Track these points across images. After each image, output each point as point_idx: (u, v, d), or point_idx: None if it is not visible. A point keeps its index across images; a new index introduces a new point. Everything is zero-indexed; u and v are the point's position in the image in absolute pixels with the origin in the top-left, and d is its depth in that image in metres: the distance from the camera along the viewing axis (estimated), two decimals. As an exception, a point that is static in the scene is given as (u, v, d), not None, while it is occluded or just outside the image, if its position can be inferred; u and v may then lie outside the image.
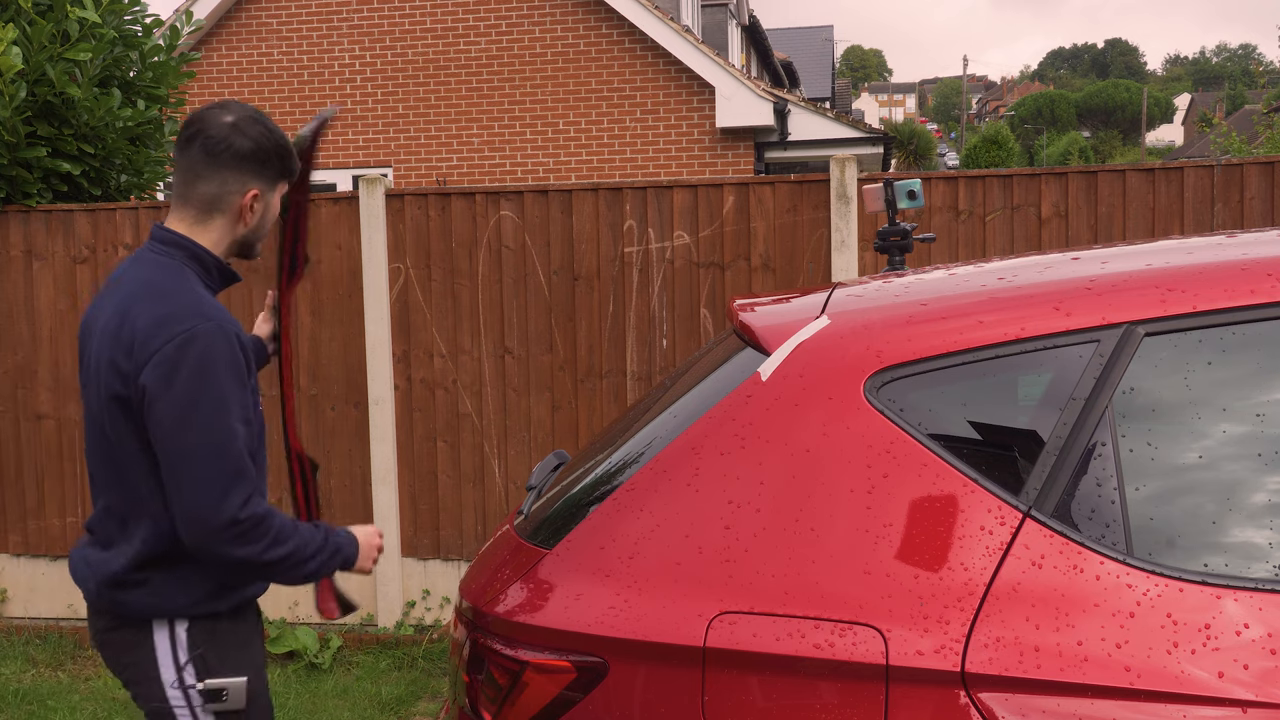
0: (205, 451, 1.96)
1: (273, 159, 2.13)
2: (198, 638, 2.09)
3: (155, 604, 2.08)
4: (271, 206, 2.20)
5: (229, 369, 2.00)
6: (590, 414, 5.06)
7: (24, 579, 5.57)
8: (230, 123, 2.09)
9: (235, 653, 2.12)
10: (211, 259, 2.14)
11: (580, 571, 1.71)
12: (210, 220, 2.12)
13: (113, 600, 2.11)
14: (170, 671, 2.07)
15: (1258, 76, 55.11)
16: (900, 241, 3.61)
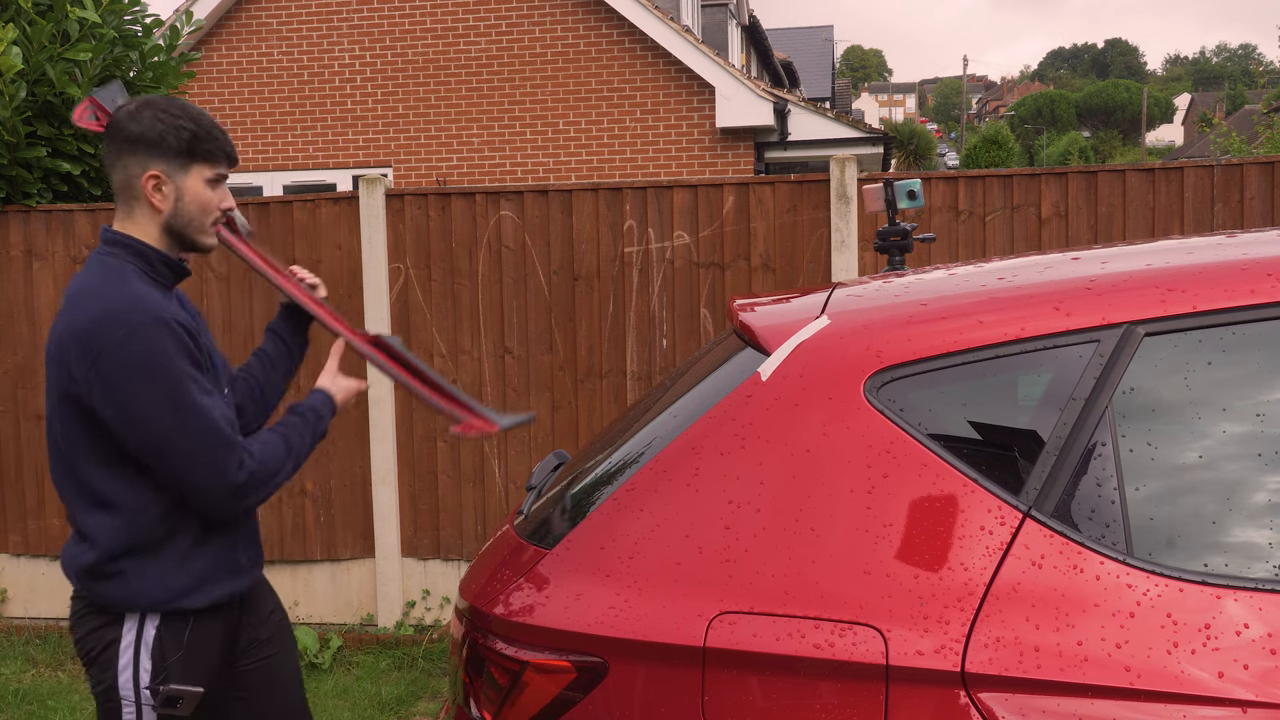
0: (184, 439, 2.03)
1: (167, 140, 2.11)
2: (166, 640, 2.13)
3: (128, 597, 2.12)
4: (191, 191, 2.16)
5: (177, 353, 2.04)
6: (590, 414, 5.06)
7: (24, 579, 5.57)
8: (127, 110, 2.15)
9: (200, 660, 2.17)
10: (154, 253, 2.16)
11: (580, 571, 1.71)
12: (132, 211, 2.16)
13: (89, 591, 2.15)
14: (128, 664, 2.11)
15: (1258, 76, 55.12)
16: (900, 241, 3.61)
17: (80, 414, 2.07)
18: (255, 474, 2.11)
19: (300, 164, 12.35)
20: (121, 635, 2.12)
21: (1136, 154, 66.49)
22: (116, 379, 2.01)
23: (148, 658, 2.11)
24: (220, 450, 2.06)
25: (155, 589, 2.11)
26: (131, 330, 2.01)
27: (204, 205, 2.18)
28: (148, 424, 2.02)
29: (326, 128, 12.33)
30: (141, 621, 2.12)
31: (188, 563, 2.14)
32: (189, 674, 2.14)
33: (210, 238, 2.22)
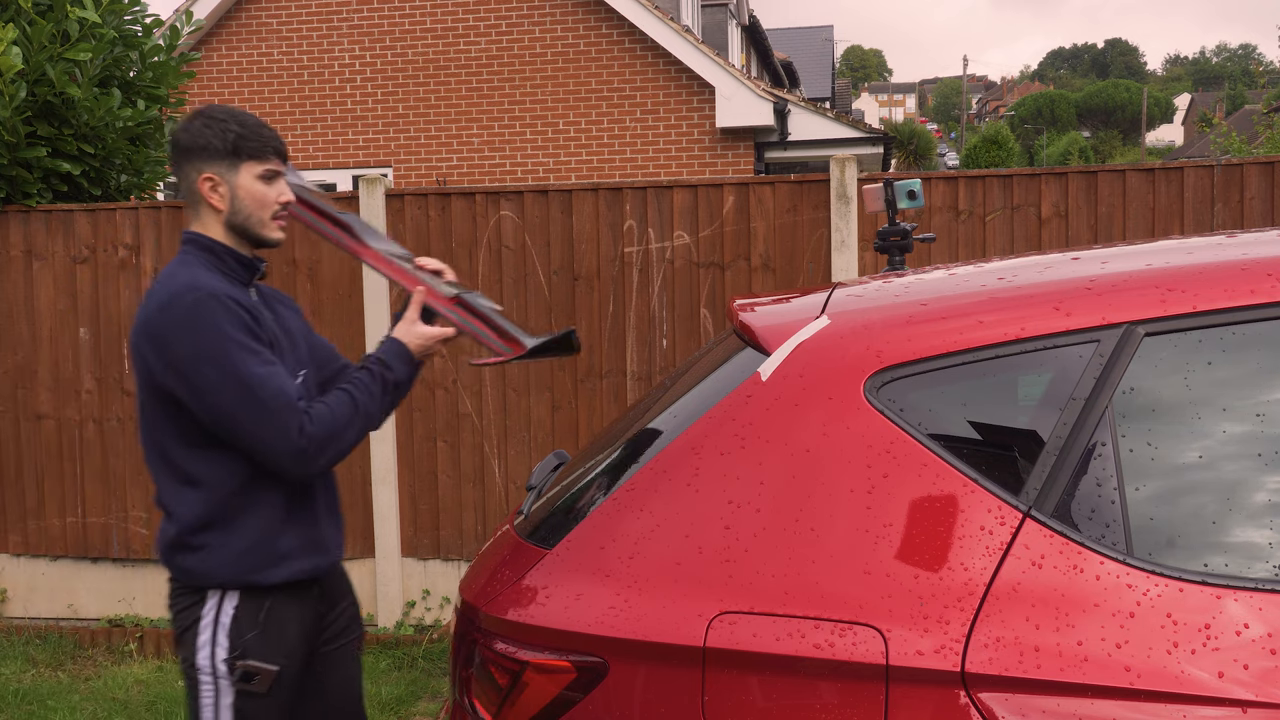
0: (243, 407, 2.13)
1: (214, 143, 2.25)
2: (243, 618, 2.22)
3: (208, 569, 2.22)
4: (244, 189, 2.27)
5: (232, 326, 2.14)
6: (590, 414, 5.06)
7: (24, 579, 5.57)
8: (180, 123, 2.32)
9: (277, 639, 2.24)
10: (222, 248, 2.29)
11: (580, 571, 1.71)
12: (199, 215, 2.30)
13: (173, 566, 2.26)
14: (207, 641, 2.21)
15: (1258, 76, 55.11)
16: (900, 241, 3.61)
17: (160, 398, 2.20)
18: (317, 436, 2.15)
19: (300, 164, 12.34)
20: (203, 614, 2.23)
21: (1136, 154, 66.49)
22: (180, 357, 2.13)
23: (224, 635, 2.21)
24: (279, 415, 2.13)
25: (233, 562, 2.21)
26: (187, 309, 2.14)
27: (258, 200, 2.29)
28: (210, 395, 2.13)
29: (326, 128, 12.33)
30: (221, 599, 2.22)
31: (266, 538, 2.23)
32: (265, 652, 2.22)
33: (273, 231, 2.33)
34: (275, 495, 2.24)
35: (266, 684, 2.22)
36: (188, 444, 2.21)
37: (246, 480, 2.21)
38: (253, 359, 2.14)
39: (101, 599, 5.52)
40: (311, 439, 2.15)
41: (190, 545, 2.22)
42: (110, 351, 5.42)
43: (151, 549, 5.42)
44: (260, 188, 2.28)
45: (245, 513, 2.22)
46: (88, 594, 5.53)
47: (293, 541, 2.26)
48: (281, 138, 2.35)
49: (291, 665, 2.27)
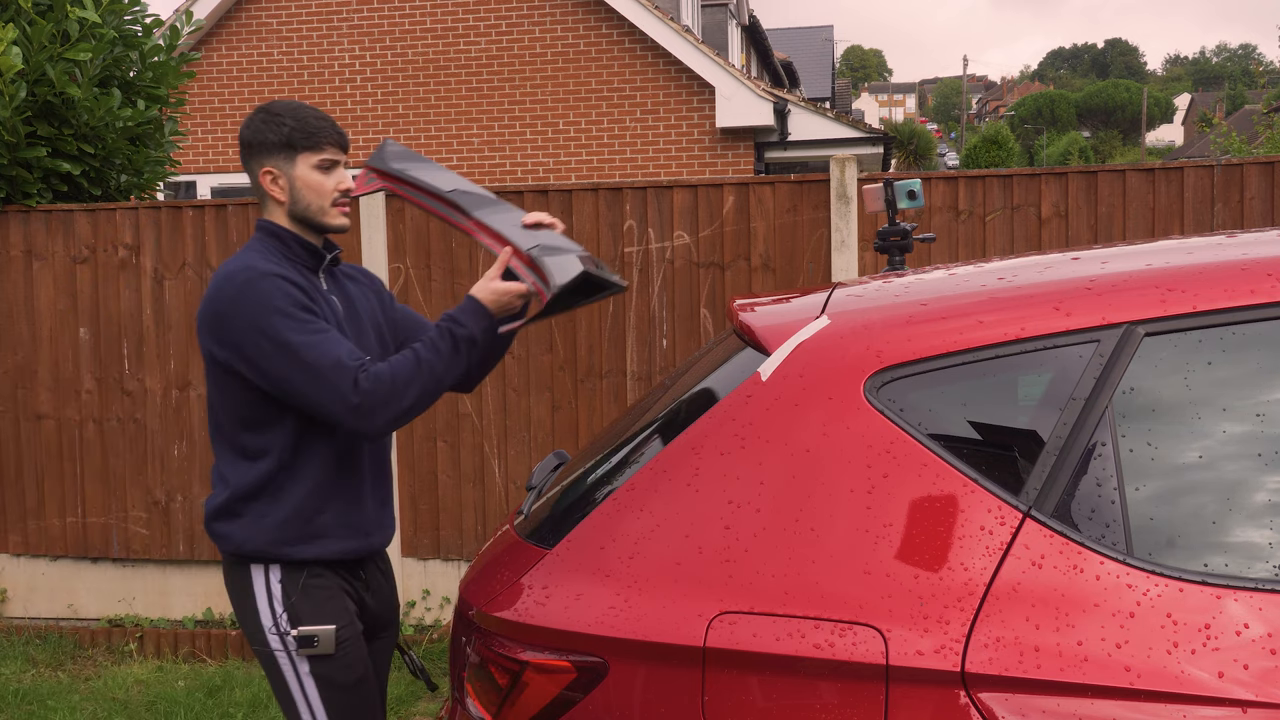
0: (296, 371, 2.19)
1: (270, 138, 2.34)
2: (289, 587, 2.30)
3: (247, 537, 2.30)
4: (301, 179, 2.34)
5: (277, 298, 2.21)
6: (590, 414, 5.06)
7: (24, 579, 5.57)
8: (245, 121, 2.40)
9: (324, 603, 2.31)
10: (288, 234, 2.38)
11: (580, 571, 1.71)
12: (266, 207, 2.41)
13: (214, 531, 2.36)
14: (268, 617, 2.30)
15: (1258, 76, 55.10)
16: (900, 241, 3.60)
17: (219, 376, 2.31)
18: (373, 392, 2.17)
19: (300, 164, 12.33)
20: (254, 590, 2.32)
21: (1136, 154, 66.48)
22: (236, 330, 2.22)
23: (280, 605, 2.30)
24: (328, 375, 2.17)
25: (270, 531, 2.29)
26: (239, 287, 2.23)
27: (316, 189, 2.35)
28: (265, 363, 2.20)
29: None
30: (265, 572, 2.31)
31: (304, 513, 2.30)
32: (317, 613, 2.29)
33: (335, 218, 2.39)
34: (320, 473, 2.31)
35: (331, 644, 2.28)
36: (241, 419, 2.31)
37: (294, 455, 2.29)
38: (299, 326, 2.20)
39: (101, 599, 5.52)
40: (367, 395, 2.16)
41: (236, 512, 2.32)
42: (110, 351, 5.42)
43: (151, 549, 5.42)
44: (317, 177, 2.35)
45: (289, 486, 2.30)
46: (88, 594, 5.53)
47: (330, 520, 2.32)
48: (341, 129, 2.41)
49: (351, 625, 2.33)
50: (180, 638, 5.16)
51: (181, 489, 5.38)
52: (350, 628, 2.32)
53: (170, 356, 5.37)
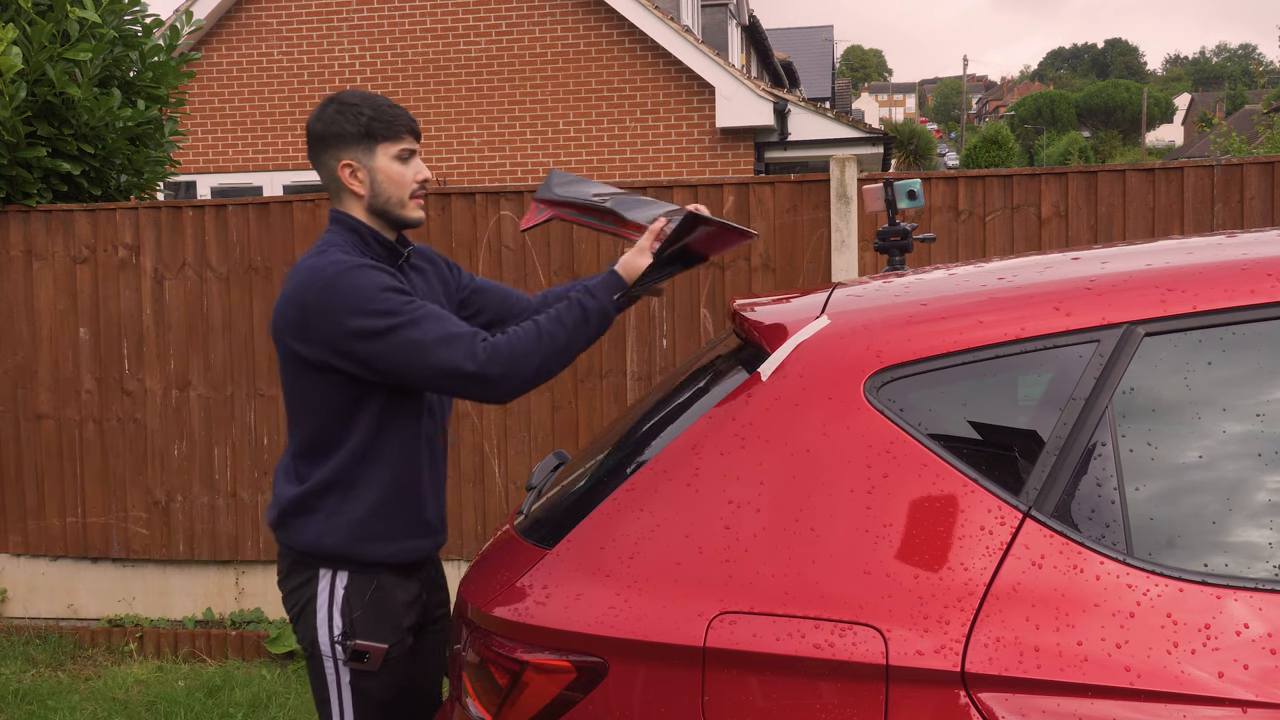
0: (407, 349, 2.13)
1: (347, 129, 2.27)
2: (353, 597, 2.27)
3: (318, 536, 2.27)
4: (382, 170, 2.29)
5: (372, 280, 2.16)
6: (590, 414, 5.06)
7: (24, 579, 5.57)
8: (313, 113, 2.34)
9: (383, 619, 2.29)
10: (366, 229, 2.32)
11: (580, 571, 1.71)
12: (342, 202, 2.34)
13: (286, 530, 2.32)
14: (324, 623, 2.28)
15: (1258, 76, 55.09)
16: (900, 241, 3.60)
17: (302, 369, 2.25)
18: (492, 361, 2.13)
19: (300, 164, 12.35)
20: (317, 593, 2.28)
21: (1136, 154, 66.47)
22: (331, 324, 2.15)
23: (339, 614, 2.27)
24: (445, 347, 2.13)
25: (343, 530, 2.26)
26: (330, 279, 2.17)
27: (396, 180, 2.30)
28: (372, 350, 2.14)
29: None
30: (333, 577, 2.28)
31: (379, 513, 2.28)
32: (374, 630, 2.27)
33: (413, 211, 2.34)
34: (394, 471, 2.29)
35: (378, 662, 2.27)
36: (320, 414, 2.27)
37: (369, 451, 2.27)
38: (403, 306, 2.15)
39: (101, 599, 5.52)
40: (485, 365, 2.13)
41: (310, 507, 2.29)
42: (110, 351, 5.42)
43: (151, 549, 5.42)
44: (397, 168, 2.30)
45: (364, 483, 2.27)
46: (88, 594, 5.53)
47: (401, 520, 2.31)
48: (414, 117, 2.36)
49: (401, 644, 2.31)
50: (180, 638, 5.16)
51: (181, 489, 5.38)
52: (400, 645, 2.31)
53: (170, 356, 5.37)
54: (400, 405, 2.28)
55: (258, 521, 5.33)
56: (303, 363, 2.25)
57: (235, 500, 5.34)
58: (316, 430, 2.29)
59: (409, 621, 2.34)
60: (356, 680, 2.28)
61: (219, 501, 5.35)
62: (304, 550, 2.31)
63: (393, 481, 2.30)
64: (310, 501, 2.29)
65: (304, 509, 2.30)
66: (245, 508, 5.34)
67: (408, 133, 2.30)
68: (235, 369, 5.33)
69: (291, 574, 2.35)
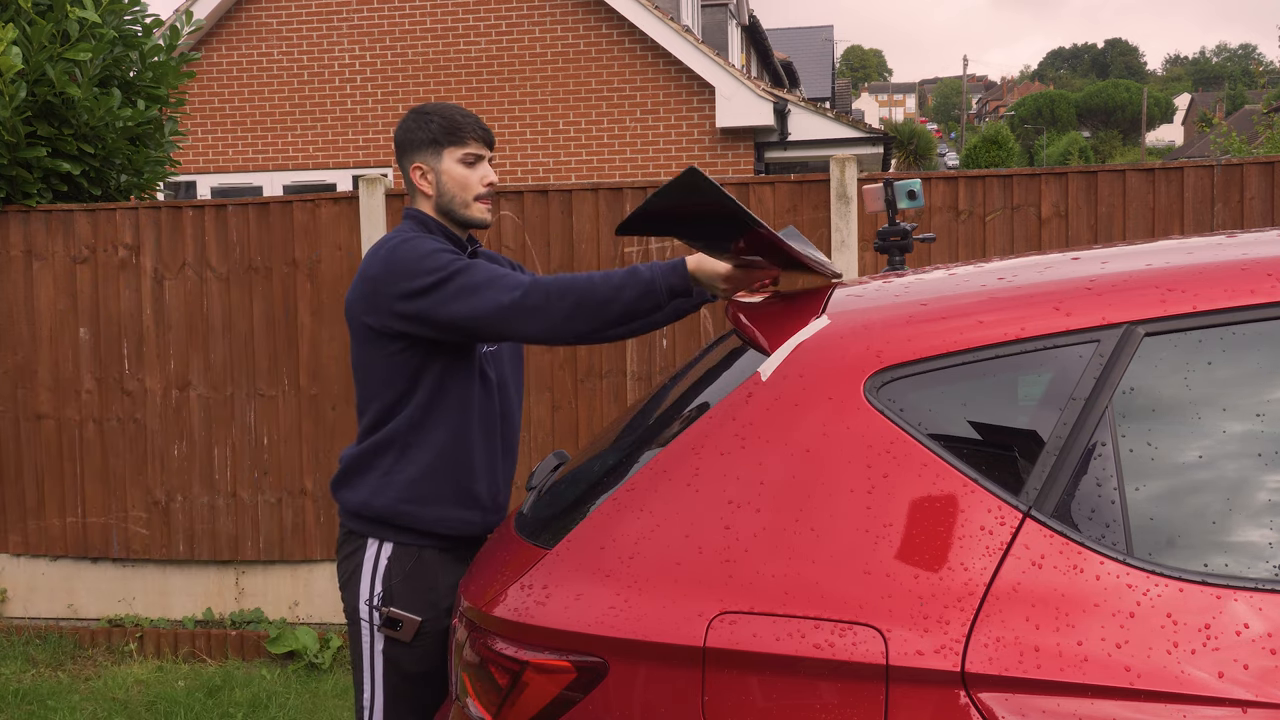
0: (456, 296, 2.26)
1: (418, 135, 2.48)
2: (394, 568, 2.39)
3: (371, 495, 2.40)
4: (447, 173, 2.47)
5: (426, 245, 2.32)
6: (590, 414, 5.06)
7: (24, 579, 5.57)
8: (397, 126, 2.55)
9: (421, 593, 2.38)
10: (434, 222, 2.49)
11: (580, 571, 1.71)
12: (415, 199, 2.52)
13: (344, 489, 2.46)
14: (366, 588, 2.40)
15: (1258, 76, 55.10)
16: (900, 241, 3.60)
17: (371, 337, 2.39)
18: (535, 286, 2.23)
19: (300, 164, 12.35)
20: (364, 561, 2.41)
21: (1136, 154, 66.48)
22: (392, 286, 2.31)
23: (379, 581, 2.39)
24: (489, 285, 2.25)
25: (396, 490, 2.38)
26: (391, 249, 2.35)
27: (460, 182, 2.47)
28: (426, 301, 2.28)
29: (326, 128, 12.33)
30: (379, 547, 2.40)
31: (431, 477, 2.39)
32: (410, 601, 2.37)
33: (477, 212, 2.49)
34: (449, 438, 2.40)
35: (410, 633, 2.35)
36: (381, 380, 2.40)
37: (425, 415, 2.38)
38: (452, 260, 2.29)
39: (101, 599, 5.52)
40: (524, 296, 2.22)
41: (366, 466, 2.42)
42: (110, 351, 5.42)
43: (151, 549, 5.42)
44: (461, 171, 2.47)
45: (418, 445, 2.39)
46: (88, 594, 5.53)
47: (449, 489, 2.40)
48: (486, 126, 2.52)
49: (437, 621, 2.37)
50: (180, 638, 5.16)
51: (181, 489, 5.38)
52: (436, 622, 2.37)
53: (170, 356, 5.37)
54: (459, 373, 2.40)
55: (258, 521, 5.33)
56: (372, 335, 2.38)
57: (235, 500, 5.34)
58: (381, 400, 2.41)
59: (450, 603, 2.37)
60: (389, 649, 2.38)
61: (219, 501, 5.35)
62: (354, 511, 2.43)
63: (446, 445, 2.40)
64: (367, 459, 2.42)
65: (361, 467, 2.43)
66: (245, 508, 5.34)
67: (474, 139, 2.47)
68: (235, 369, 5.33)
69: (344, 544, 2.48)
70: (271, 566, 5.35)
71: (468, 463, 2.43)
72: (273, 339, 5.30)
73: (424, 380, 2.38)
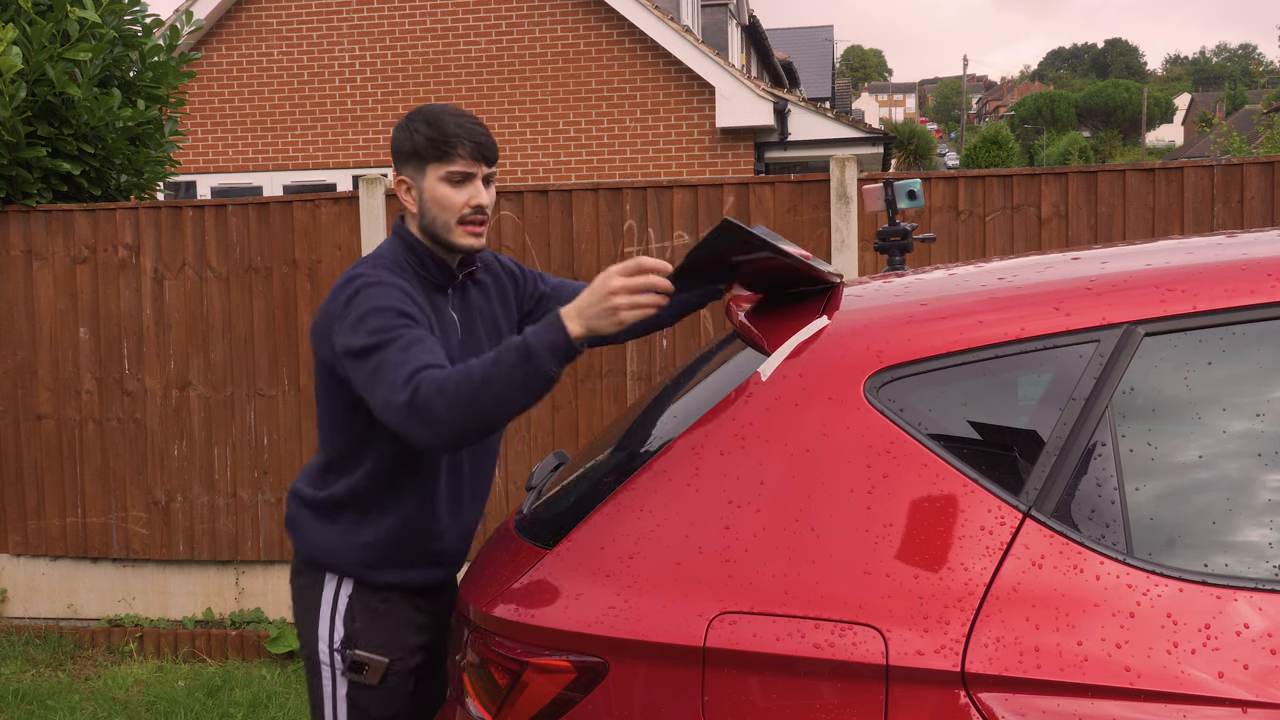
0: (366, 365, 2.01)
1: (404, 146, 2.20)
2: (356, 607, 2.22)
3: (332, 548, 2.22)
4: (428, 191, 2.18)
5: (378, 299, 2.06)
6: (590, 414, 5.06)
7: (24, 579, 5.57)
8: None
9: (386, 633, 2.22)
10: (421, 247, 2.23)
11: (580, 571, 1.71)
12: (404, 220, 2.27)
13: (298, 529, 2.28)
14: (325, 629, 2.22)
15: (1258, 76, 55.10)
16: (900, 241, 3.60)
17: (327, 378, 2.19)
18: (423, 391, 1.90)
19: (300, 164, 12.35)
20: (322, 599, 2.23)
21: (1136, 154, 66.47)
22: (341, 334, 2.07)
23: (340, 622, 2.22)
24: (390, 371, 1.96)
25: (357, 551, 2.21)
26: (352, 290, 2.10)
27: (441, 203, 2.17)
28: (352, 364, 2.05)
29: (326, 128, 12.33)
30: (338, 585, 2.23)
31: (393, 541, 2.21)
32: (376, 642, 2.20)
33: (461, 237, 2.19)
34: (409, 502, 2.21)
35: (377, 675, 2.20)
36: (339, 426, 2.22)
37: (387, 478, 2.19)
38: (385, 327, 2.02)
39: (101, 599, 5.52)
40: (416, 393, 1.92)
41: (327, 518, 2.24)
42: (110, 351, 5.42)
43: (151, 549, 5.42)
44: (443, 190, 2.16)
45: (378, 511, 2.21)
46: (88, 594, 5.53)
47: (415, 552, 2.24)
48: (487, 138, 2.20)
49: (405, 660, 2.23)
50: (180, 638, 5.16)
51: (181, 489, 5.38)
52: (403, 662, 2.23)
53: (170, 356, 5.37)
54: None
55: (258, 521, 5.33)
56: (326, 369, 2.18)
57: (235, 500, 5.34)
58: (340, 443, 2.23)
59: (418, 640, 2.26)
60: (354, 692, 2.21)
61: (219, 501, 5.35)
62: (309, 555, 2.27)
63: (412, 512, 2.22)
64: (325, 510, 2.25)
65: (318, 515, 2.26)
66: (245, 508, 5.34)
67: (463, 155, 2.15)
68: (235, 369, 5.33)
69: (300, 573, 2.31)
70: (271, 566, 5.35)
71: (434, 525, 2.25)
72: (273, 339, 5.30)
73: (385, 433, 2.08)
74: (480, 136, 2.18)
